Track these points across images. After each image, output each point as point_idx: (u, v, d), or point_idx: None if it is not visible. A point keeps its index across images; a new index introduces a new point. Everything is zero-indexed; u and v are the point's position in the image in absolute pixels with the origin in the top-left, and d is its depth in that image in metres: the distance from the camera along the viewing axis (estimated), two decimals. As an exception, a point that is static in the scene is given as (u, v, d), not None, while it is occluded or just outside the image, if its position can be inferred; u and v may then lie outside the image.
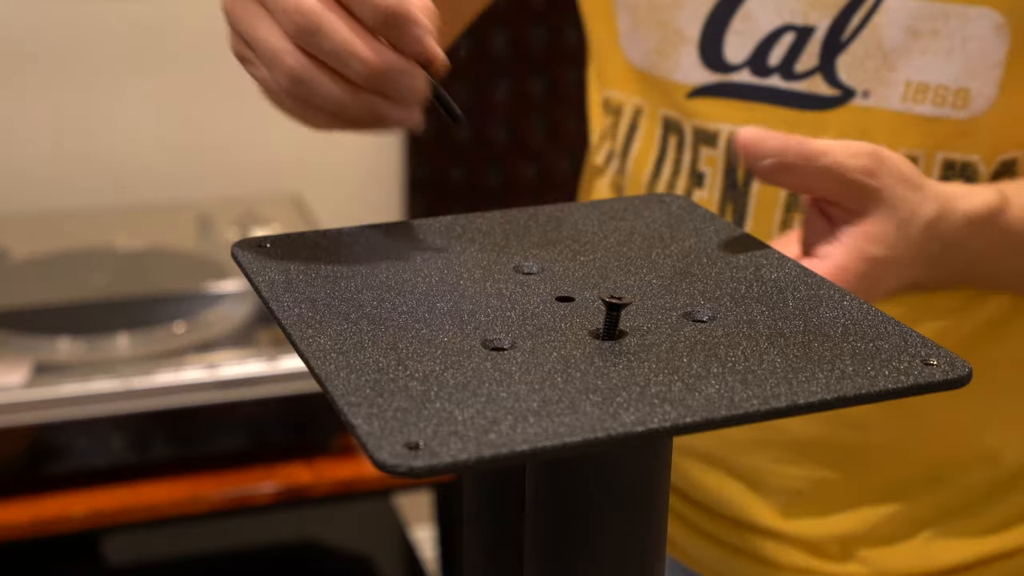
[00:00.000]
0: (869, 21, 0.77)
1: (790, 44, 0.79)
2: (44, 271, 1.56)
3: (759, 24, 0.79)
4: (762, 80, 0.80)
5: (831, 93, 0.79)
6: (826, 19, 0.77)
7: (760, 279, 0.60)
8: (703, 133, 0.83)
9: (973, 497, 0.87)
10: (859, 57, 0.77)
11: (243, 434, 1.37)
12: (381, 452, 0.45)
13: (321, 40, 0.57)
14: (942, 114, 0.77)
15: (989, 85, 0.76)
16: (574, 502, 0.53)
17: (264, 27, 0.59)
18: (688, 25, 0.81)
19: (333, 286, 0.58)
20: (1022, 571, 0.90)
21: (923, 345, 0.54)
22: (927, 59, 0.76)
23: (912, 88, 0.77)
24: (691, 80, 0.82)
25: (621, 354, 0.52)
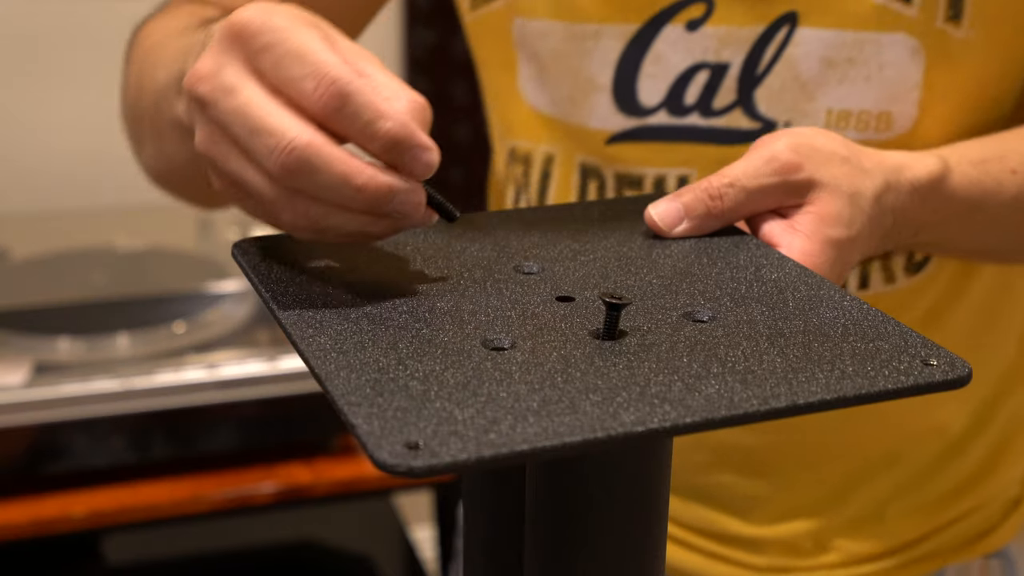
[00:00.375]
0: (783, 54, 0.76)
1: (705, 82, 0.78)
2: (44, 271, 1.56)
3: (671, 64, 0.78)
4: (680, 120, 0.79)
5: (752, 126, 0.78)
6: (739, 55, 0.77)
7: (760, 279, 0.60)
8: (626, 178, 0.81)
9: (926, 469, 0.88)
10: (776, 90, 0.77)
11: (243, 434, 1.37)
12: (381, 452, 0.45)
13: (315, 177, 0.53)
14: (866, 137, 0.77)
15: (909, 106, 0.77)
16: (574, 502, 0.53)
17: (248, 169, 0.54)
18: (599, 72, 0.80)
19: (333, 286, 0.58)
20: (971, 533, 0.91)
21: (923, 345, 0.54)
22: (846, 87, 0.76)
23: (834, 116, 0.77)
24: (608, 126, 0.81)
25: (621, 354, 0.52)
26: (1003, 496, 0.92)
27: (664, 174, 0.80)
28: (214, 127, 0.55)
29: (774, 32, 0.76)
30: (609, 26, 0.78)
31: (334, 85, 0.52)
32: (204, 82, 0.54)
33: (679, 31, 0.77)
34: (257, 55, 0.54)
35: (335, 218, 0.55)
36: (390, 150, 0.53)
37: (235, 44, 0.54)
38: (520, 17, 0.81)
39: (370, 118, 0.53)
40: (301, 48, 0.53)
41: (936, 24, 0.75)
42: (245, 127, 0.53)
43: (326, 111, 0.53)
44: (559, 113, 0.82)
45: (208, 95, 0.54)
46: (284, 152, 0.52)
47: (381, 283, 0.59)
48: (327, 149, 0.52)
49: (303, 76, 0.52)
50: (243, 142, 0.54)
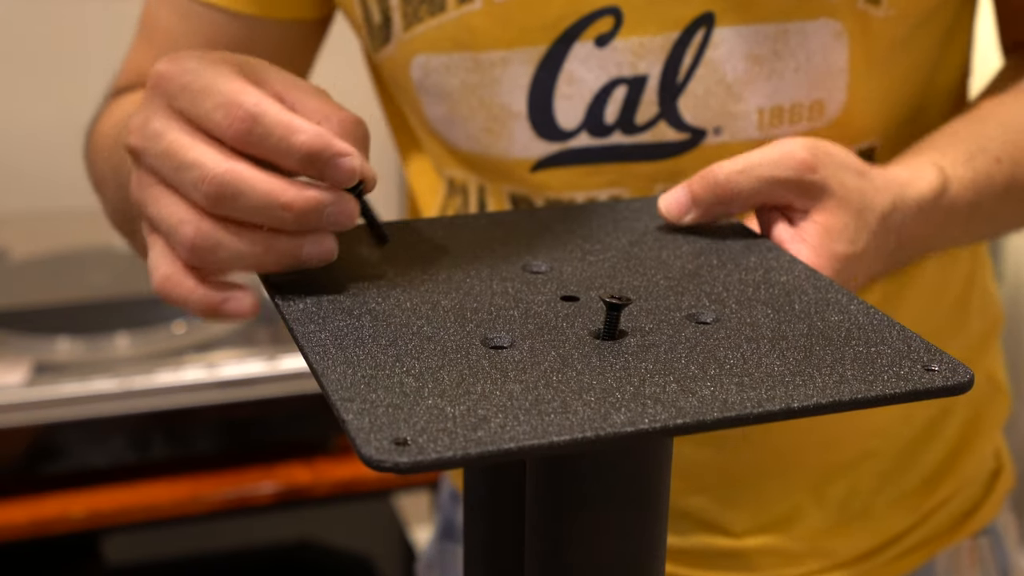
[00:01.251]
0: (702, 58, 0.74)
1: (624, 98, 0.76)
2: (44, 271, 1.56)
3: (586, 83, 0.76)
4: (603, 140, 0.77)
5: (679, 138, 0.76)
6: (656, 65, 0.74)
7: (768, 282, 0.60)
8: (557, 203, 0.79)
9: (901, 459, 0.88)
10: (701, 96, 0.75)
11: (243, 434, 1.37)
12: (368, 447, 0.45)
13: (241, 200, 0.54)
14: (800, 129, 0.76)
15: (838, 91, 0.76)
16: (574, 501, 0.53)
17: (167, 202, 0.57)
18: (512, 100, 0.77)
19: (340, 282, 0.58)
20: (957, 514, 0.91)
21: (926, 350, 0.53)
22: (775, 82, 0.75)
23: (767, 114, 0.76)
24: (530, 154, 0.78)
25: (620, 354, 0.52)
26: (982, 472, 0.92)
27: (594, 196, 0.78)
28: (144, 173, 0.58)
29: (690, 37, 0.74)
30: (515, 51, 0.76)
31: (241, 109, 0.55)
32: (134, 134, 0.58)
33: (589, 48, 0.75)
34: (175, 98, 0.57)
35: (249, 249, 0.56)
36: (309, 163, 0.55)
37: (156, 93, 0.57)
38: (421, 54, 0.78)
39: (282, 134, 0.55)
40: (209, 82, 0.56)
41: (857, 5, 0.74)
42: (171, 166, 0.56)
43: (240, 136, 0.55)
44: (477, 148, 0.80)
45: (138, 143, 0.58)
46: (207, 182, 0.54)
47: (387, 280, 0.59)
48: (248, 173, 0.55)
49: (214, 108, 0.55)
50: (171, 180, 0.56)
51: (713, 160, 0.75)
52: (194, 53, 0.58)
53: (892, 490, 0.88)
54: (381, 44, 0.80)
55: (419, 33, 0.77)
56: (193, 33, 0.84)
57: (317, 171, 0.55)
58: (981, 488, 0.92)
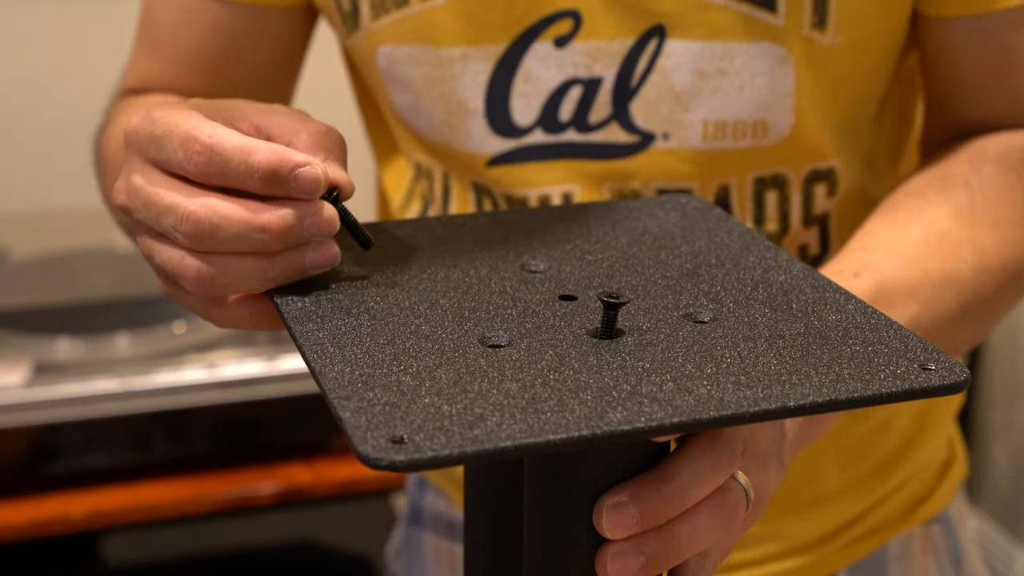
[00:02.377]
0: (655, 66, 0.76)
1: (579, 97, 0.77)
2: (44, 271, 1.56)
3: (542, 82, 0.77)
4: (556, 137, 0.78)
5: (630, 140, 0.78)
6: (611, 69, 0.76)
7: (767, 281, 0.60)
8: (512, 199, 0.81)
9: (856, 443, 0.89)
10: (652, 101, 0.77)
11: (243, 434, 1.37)
12: (365, 445, 0.45)
13: (219, 233, 0.56)
14: (745, 145, 0.77)
15: (785, 114, 0.77)
16: (571, 500, 0.53)
17: (165, 251, 0.58)
18: (470, 96, 0.79)
19: (339, 281, 0.59)
20: (909, 502, 0.91)
21: (923, 350, 0.53)
22: (719, 99, 0.76)
23: (710, 127, 0.77)
24: (486, 149, 0.80)
25: (617, 353, 0.52)
26: (934, 461, 0.93)
27: (547, 192, 0.79)
28: (139, 227, 0.60)
29: (644, 45, 0.75)
30: (475, 48, 0.77)
31: (196, 143, 0.56)
32: (120, 192, 0.60)
33: (548, 48, 0.76)
34: (146, 149, 0.58)
35: (254, 267, 0.57)
36: (271, 180, 0.56)
37: (131, 149, 0.59)
38: (386, 44, 0.80)
39: (240, 158, 0.56)
40: (168, 126, 0.57)
41: (802, 31, 0.75)
42: (152, 215, 0.57)
43: (201, 169, 0.56)
44: (440, 138, 0.82)
45: (126, 201, 0.59)
46: (184, 221, 0.56)
47: (386, 279, 0.59)
48: (220, 204, 0.56)
49: (174, 149, 0.57)
50: (159, 229, 0.58)
51: (660, 163, 0.78)
52: (162, 105, 0.59)
53: (846, 475, 0.89)
54: (351, 31, 0.81)
55: (385, 24, 0.79)
56: (194, 27, 0.86)
57: (282, 188, 0.56)
58: (933, 476, 0.93)
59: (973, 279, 0.73)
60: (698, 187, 0.78)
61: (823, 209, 0.81)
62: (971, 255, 0.73)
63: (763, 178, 0.79)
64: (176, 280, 0.59)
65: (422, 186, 0.87)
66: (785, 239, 0.81)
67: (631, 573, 0.52)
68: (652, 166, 0.78)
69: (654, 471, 0.53)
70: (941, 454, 0.94)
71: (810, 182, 0.80)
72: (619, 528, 0.52)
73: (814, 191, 0.80)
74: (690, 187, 0.78)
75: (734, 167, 0.78)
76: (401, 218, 0.90)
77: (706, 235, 0.65)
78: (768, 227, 0.80)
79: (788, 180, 0.80)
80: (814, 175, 0.80)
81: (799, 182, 0.80)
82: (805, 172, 0.80)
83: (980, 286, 0.73)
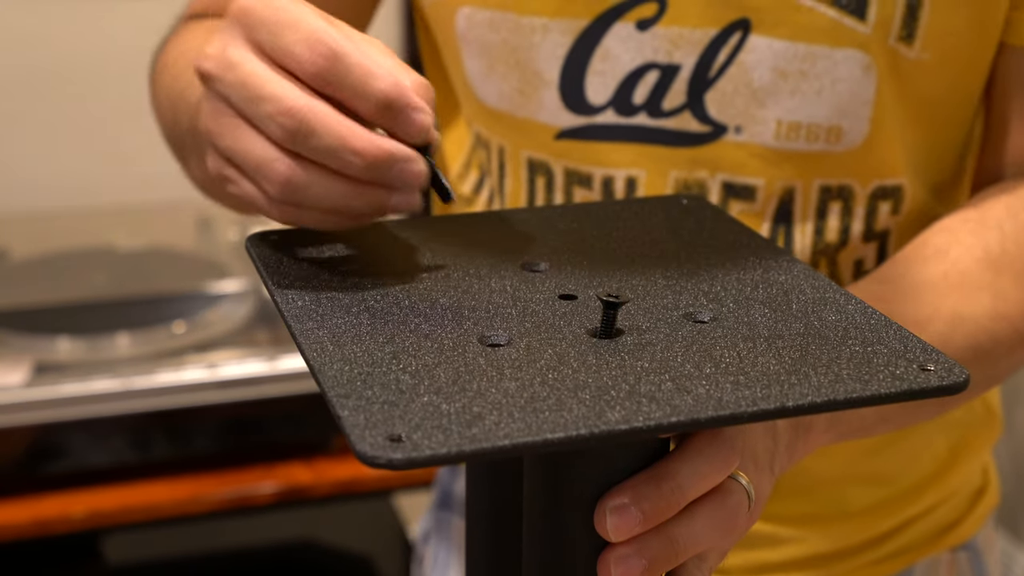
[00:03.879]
0: (735, 59, 0.76)
1: (655, 82, 0.77)
2: (44, 271, 1.56)
3: (620, 63, 0.77)
4: (628, 119, 0.78)
5: (702, 129, 0.78)
6: (691, 57, 0.76)
7: (767, 281, 0.60)
8: (576, 175, 0.80)
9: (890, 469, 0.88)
10: (728, 94, 0.76)
11: (243, 434, 1.37)
12: (363, 443, 0.45)
13: (313, 139, 0.55)
14: (816, 148, 0.77)
15: (861, 122, 0.76)
16: (571, 499, 0.53)
17: (247, 138, 0.56)
18: (547, 67, 0.79)
19: (339, 279, 0.59)
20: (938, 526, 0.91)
21: (922, 350, 0.53)
22: (797, 100, 0.76)
23: (784, 126, 0.77)
24: (557, 122, 0.80)
25: (616, 353, 0.52)
26: (967, 488, 0.93)
27: (612, 174, 0.79)
28: (217, 101, 0.57)
29: (727, 36, 0.75)
30: (557, 20, 0.77)
31: (324, 46, 0.55)
32: (209, 59, 0.57)
33: (629, 29, 0.76)
34: (256, 31, 0.56)
35: (338, 191, 0.56)
36: (383, 110, 0.56)
37: (237, 24, 0.57)
38: (467, 6, 0.80)
39: (362, 76, 0.55)
40: (293, 17, 0.56)
41: (889, 43, 0.74)
42: (247, 96, 0.56)
43: (319, 73, 0.55)
44: (508, 107, 0.81)
45: (213, 70, 0.57)
46: (284, 114, 0.54)
47: (386, 278, 0.59)
48: (325, 111, 0.55)
49: (295, 42, 0.55)
50: (246, 111, 0.56)
51: (729, 156, 0.77)
52: None
53: (875, 495, 0.88)
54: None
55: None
56: None
57: (390, 120, 0.56)
58: (964, 503, 0.93)
59: (988, 323, 0.72)
60: (763, 185, 0.78)
61: (885, 226, 0.80)
62: (989, 299, 0.73)
63: (829, 187, 0.78)
64: (254, 171, 0.57)
65: (480, 156, 0.87)
66: (843, 252, 0.80)
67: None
68: (721, 158, 0.78)
69: (652, 470, 0.53)
70: (975, 482, 0.93)
71: (876, 198, 0.79)
72: (623, 530, 0.52)
73: (878, 207, 0.79)
74: (755, 184, 0.78)
75: (802, 170, 0.78)
76: (459, 186, 0.90)
77: (707, 235, 0.65)
78: (828, 237, 0.79)
79: (854, 193, 0.79)
80: (880, 191, 0.79)
81: (865, 196, 0.79)
82: (872, 187, 0.79)
83: (995, 331, 0.73)
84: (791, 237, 0.79)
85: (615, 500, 0.52)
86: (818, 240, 0.79)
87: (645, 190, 0.79)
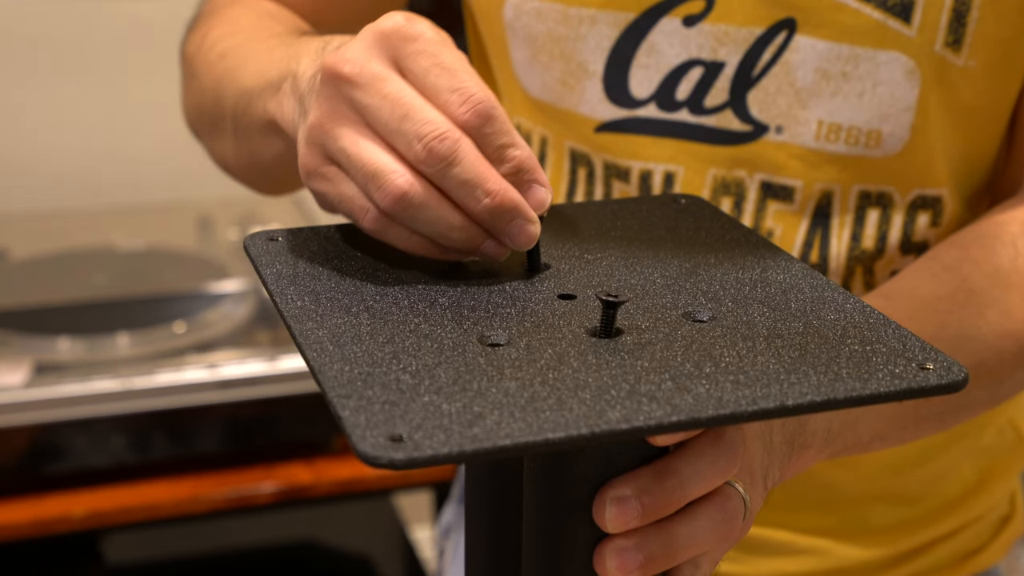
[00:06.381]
0: (780, 58, 0.76)
1: (698, 79, 0.78)
2: (44, 271, 1.56)
3: (665, 58, 0.78)
4: (669, 115, 0.79)
5: (743, 128, 0.78)
6: (736, 55, 0.76)
7: (765, 281, 0.60)
8: (614, 168, 0.81)
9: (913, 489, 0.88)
10: (771, 93, 0.77)
11: (243, 434, 1.37)
12: (364, 443, 0.45)
13: (455, 169, 0.56)
14: (856, 152, 0.77)
15: (901, 128, 0.76)
16: (570, 499, 0.53)
17: (370, 147, 0.57)
18: (592, 59, 0.79)
19: (339, 280, 0.59)
20: (961, 551, 0.90)
21: (921, 349, 0.53)
22: (838, 101, 0.76)
23: (824, 127, 0.77)
24: (598, 115, 0.80)
25: (615, 352, 0.52)
26: (992, 515, 0.92)
27: (651, 168, 0.80)
28: (342, 104, 0.58)
29: (772, 36, 0.76)
30: (605, 12, 0.78)
31: (481, 105, 0.57)
32: (351, 64, 0.58)
33: (675, 25, 0.77)
34: (406, 58, 0.58)
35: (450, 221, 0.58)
36: (516, 173, 0.58)
37: (384, 43, 0.58)
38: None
39: (505, 142, 0.57)
40: (451, 63, 0.57)
41: (935, 48, 0.74)
42: (396, 112, 0.56)
43: (469, 124, 0.56)
44: (550, 98, 0.82)
45: (356, 76, 0.57)
46: (438, 138, 0.56)
47: (386, 278, 0.59)
48: (471, 147, 0.56)
49: (451, 89, 0.57)
50: (388, 124, 0.57)
51: (769, 155, 0.77)
52: (424, 20, 0.59)
53: (897, 514, 0.88)
54: None
55: None
56: None
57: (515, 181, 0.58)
58: (989, 530, 0.92)
59: (993, 341, 0.72)
60: (802, 187, 0.78)
61: (923, 238, 0.80)
62: (996, 317, 0.72)
63: (868, 193, 0.78)
64: (370, 179, 0.57)
65: None
66: (879, 261, 0.80)
67: (630, 570, 0.53)
68: (760, 157, 0.78)
69: (654, 465, 0.53)
70: (1001, 509, 0.93)
71: (915, 207, 0.79)
72: (621, 522, 0.52)
73: (917, 217, 0.79)
74: (794, 185, 0.78)
75: (841, 173, 0.77)
76: None
77: (705, 234, 0.65)
78: (864, 244, 0.79)
79: (893, 201, 0.78)
80: (920, 201, 0.79)
81: (904, 205, 0.79)
82: (912, 196, 0.78)
83: (1000, 349, 0.72)
84: (827, 242, 0.79)
85: (617, 491, 0.52)
86: (854, 246, 0.79)
87: (682, 187, 0.80)
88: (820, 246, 0.79)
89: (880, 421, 0.70)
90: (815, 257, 0.79)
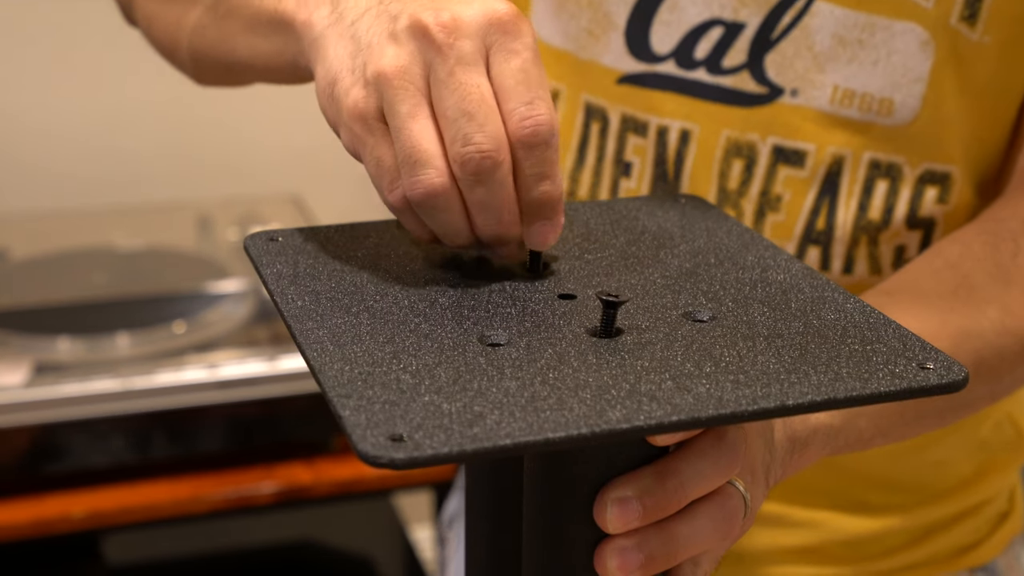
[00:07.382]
0: (799, 22, 0.77)
1: (718, 38, 0.78)
2: (44, 271, 1.56)
3: (687, 15, 0.78)
4: (687, 73, 0.79)
5: (759, 90, 0.78)
6: (757, 16, 0.77)
7: (765, 280, 0.60)
8: (632, 121, 0.82)
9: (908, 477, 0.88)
10: (788, 56, 0.77)
11: (243, 434, 1.37)
12: (365, 443, 0.45)
13: (484, 188, 0.56)
14: (868, 119, 0.77)
15: (913, 98, 0.77)
16: (571, 499, 0.53)
17: (423, 124, 0.56)
18: (616, 10, 0.80)
19: (339, 279, 0.59)
20: (958, 545, 0.91)
21: (921, 349, 0.53)
22: (853, 67, 0.76)
23: (839, 92, 0.77)
24: (620, 67, 0.81)
25: (616, 352, 0.52)
26: (991, 510, 0.92)
27: (667, 124, 0.80)
28: (419, 69, 0.57)
29: None
30: None
31: (542, 128, 0.56)
32: (445, 33, 0.56)
33: None
34: (500, 51, 0.57)
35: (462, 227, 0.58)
36: (539, 206, 0.58)
37: (488, 28, 0.57)
38: None
39: (544, 172, 0.57)
40: (536, 75, 0.57)
41: (950, 21, 0.75)
42: (462, 106, 0.56)
43: (520, 141, 0.56)
44: (572, 47, 0.83)
45: (446, 49, 0.56)
46: (481, 152, 0.55)
47: (386, 278, 0.59)
48: (508, 172, 0.56)
49: (524, 101, 0.56)
50: (448, 113, 0.56)
51: (783, 118, 0.78)
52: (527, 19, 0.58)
53: (892, 499, 0.88)
54: None
55: None
56: None
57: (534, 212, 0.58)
58: (987, 525, 0.92)
59: (994, 338, 0.72)
60: (814, 150, 0.78)
61: (929, 213, 0.80)
62: (997, 314, 0.73)
63: (878, 162, 0.78)
64: (405, 161, 0.57)
65: None
66: (884, 233, 0.80)
67: (630, 570, 0.52)
68: (774, 120, 0.78)
69: (655, 466, 0.53)
70: (1000, 505, 0.93)
71: (923, 181, 0.79)
72: (622, 523, 0.52)
73: (925, 191, 0.79)
74: (806, 149, 0.78)
75: (853, 138, 0.78)
76: None
77: (705, 234, 0.65)
78: (871, 215, 0.79)
79: (902, 173, 0.79)
80: (929, 175, 0.79)
81: (912, 178, 0.79)
82: (921, 169, 0.79)
83: (1000, 346, 0.72)
84: (834, 210, 0.79)
85: (618, 492, 0.52)
86: (860, 216, 0.79)
87: (697, 145, 0.80)
88: (827, 214, 0.79)
89: (881, 418, 0.70)
90: (821, 224, 0.79)
